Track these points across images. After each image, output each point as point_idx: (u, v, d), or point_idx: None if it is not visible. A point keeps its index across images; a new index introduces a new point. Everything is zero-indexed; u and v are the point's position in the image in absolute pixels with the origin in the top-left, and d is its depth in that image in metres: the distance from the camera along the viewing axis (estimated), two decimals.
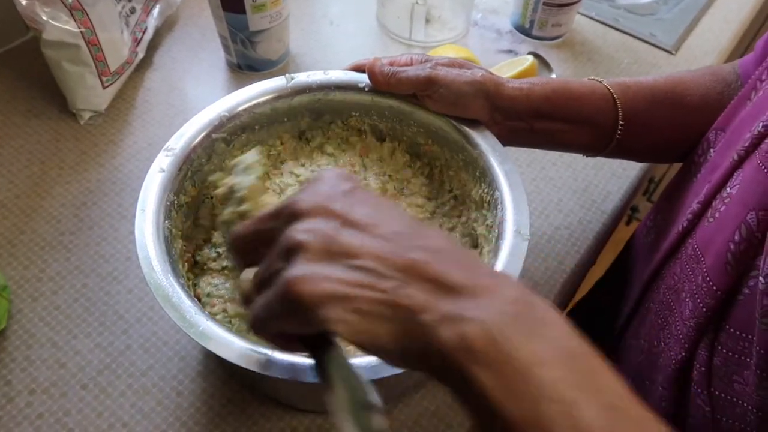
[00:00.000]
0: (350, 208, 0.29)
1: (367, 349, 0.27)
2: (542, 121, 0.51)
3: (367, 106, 0.56)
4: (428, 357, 0.26)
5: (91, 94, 0.68)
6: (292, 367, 0.38)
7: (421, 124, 0.55)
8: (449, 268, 0.27)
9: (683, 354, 0.41)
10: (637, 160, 0.67)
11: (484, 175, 0.51)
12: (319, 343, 0.30)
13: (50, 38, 0.62)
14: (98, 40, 0.65)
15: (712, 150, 0.47)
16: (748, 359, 0.37)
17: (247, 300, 0.33)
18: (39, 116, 0.70)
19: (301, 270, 0.27)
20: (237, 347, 0.39)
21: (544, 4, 0.78)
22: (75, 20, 0.62)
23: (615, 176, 0.69)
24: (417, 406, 0.51)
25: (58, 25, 0.62)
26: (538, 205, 0.66)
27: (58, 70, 0.66)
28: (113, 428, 0.48)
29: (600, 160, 0.69)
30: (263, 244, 0.31)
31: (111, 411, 0.49)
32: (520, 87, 0.50)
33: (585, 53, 0.83)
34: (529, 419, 0.24)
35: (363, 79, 0.55)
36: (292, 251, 0.28)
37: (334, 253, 0.28)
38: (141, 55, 0.74)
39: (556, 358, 0.25)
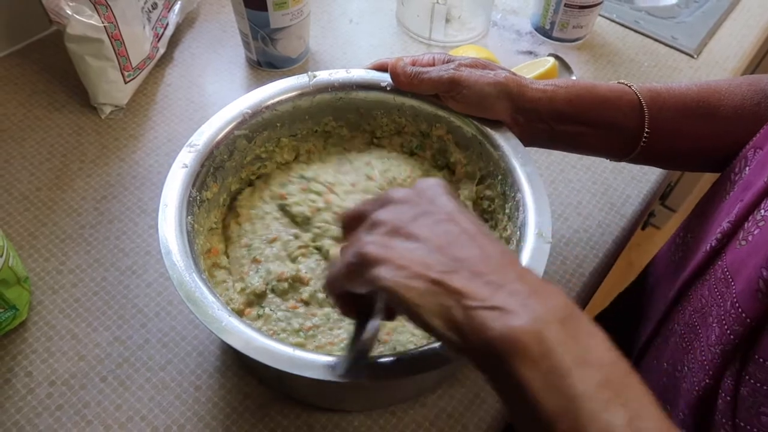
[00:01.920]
0: (431, 205, 0.34)
1: (411, 317, 0.31)
2: (564, 124, 0.51)
3: (390, 105, 0.56)
4: (469, 341, 0.29)
5: (113, 88, 0.68)
6: (313, 364, 0.38)
7: (444, 124, 0.55)
8: (501, 269, 0.31)
9: (707, 381, 0.40)
10: (662, 167, 0.66)
11: (505, 177, 0.51)
12: (366, 316, 0.36)
13: (74, 32, 0.63)
14: (121, 35, 0.65)
15: (747, 168, 0.46)
16: None
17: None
18: (60, 110, 0.70)
19: (372, 237, 0.33)
20: (259, 344, 0.39)
21: (565, 5, 0.78)
22: (99, 15, 0.63)
23: (635, 180, 0.68)
24: (433, 406, 0.50)
25: (82, 20, 0.62)
26: (557, 207, 0.65)
27: (81, 64, 0.66)
28: (132, 421, 0.49)
29: (619, 164, 0.69)
30: (357, 223, 0.36)
31: (129, 404, 0.49)
32: (543, 89, 0.50)
33: (605, 55, 0.82)
34: (564, 414, 0.26)
35: (385, 78, 0.55)
36: (375, 225, 0.34)
37: (403, 234, 0.32)
38: (162, 51, 0.74)
39: (596, 364, 0.27)
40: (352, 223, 0.37)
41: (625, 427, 0.26)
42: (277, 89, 0.54)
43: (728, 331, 0.38)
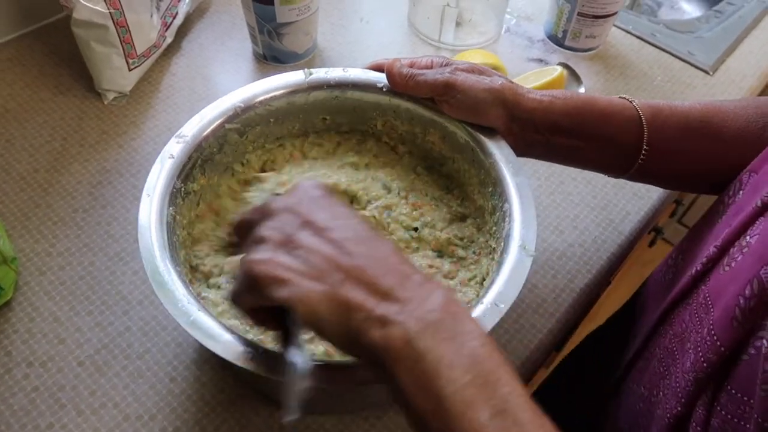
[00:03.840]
0: (313, 213, 0.35)
1: (312, 327, 0.32)
2: (560, 136, 0.50)
3: (384, 106, 0.56)
4: (361, 350, 0.31)
5: (117, 75, 0.69)
6: (275, 364, 0.37)
7: (438, 129, 0.54)
8: (385, 275, 0.32)
9: (679, 409, 0.39)
10: (661, 186, 0.64)
11: (495, 186, 0.50)
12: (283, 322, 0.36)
13: (80, 17, 0.63)
14: (126, 22, 0.65)
15: (741, 192, 0.45)
16: (747, 425, 0.34)
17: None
18: (65, 93, 0.71)
19: (260, 255, 0.33)
20: (224, 340, 0.39)
21: (579, 14, 0.76)
22: (105, 1, 0.63)
23: (636, 196, 0.67)
24: (389, 422, 0.49)
25: (88, 5, 0.62)
26: (552, 220, 0.64)
27: (86, 49, 0.67)
28: (104, 408, 0.49)
29: (621, 179, 0.67)
30: (246, 232, 0.36)
31: (104, 390, 0.50)
32: (540, 99, 0.49)
33: (617, 67, 0.80)
34: (433, 412, 0.29)
35: (382, 78, 0.54)
36: (260, 241, 0.34)
37: (290, 247, 0.33)
38: (169, 40, 0.75)
39: (464, 363, 0.29)
40: (242, 232, 0.38)
41: (490, 422, 0.28)
42: (272, 85, 0.54)
43: (702, 359, 0.37)
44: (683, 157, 0.50)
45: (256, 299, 0.34)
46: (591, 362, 0.63)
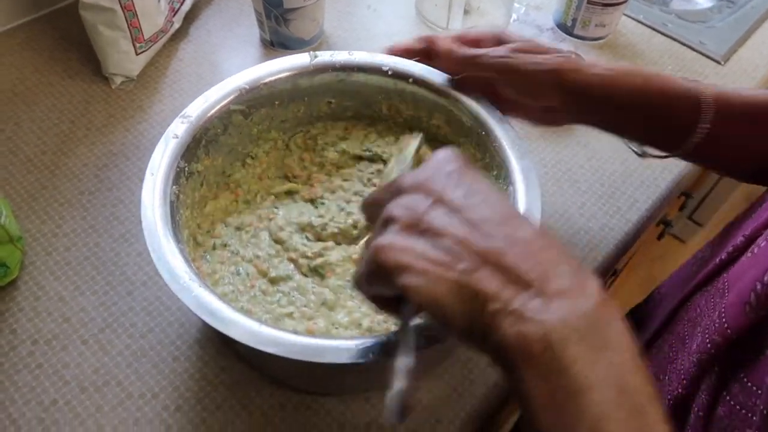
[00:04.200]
0: (446, 189, 0.31)
1: (436, 318, 0.29)
2: (617, 110, 0.48)
3: (390, 90, 0.56)
4: (487, 342, 0.27)
5: (124, 59, 0.69)
6: (275, 341, 0.37)
7: (443, 112, 0.54)
8: (527, 261, 0.28)
9: (680, 391, 0.38)
10: (712, 170, 0.62)
11: (500, 169, 0.50)
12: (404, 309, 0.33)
13: (87, 0, 0.64)
14: (134, 6, 0.66)
15: None
16: (753, 417, 0.34)
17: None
18: (73, 77, 0.71)
19: (387, 239, 0.30)
20: (224, 316, 0.39)
21: (588, 2, 0.76)
22: None
23: (644, 185, 0.66)
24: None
25: None
26: (559, 207, 0.64)
27: (94, 33, 0.67)
28: (108, 385, 0.49)
29: (629, 167, 0.67)
30: (375, 213, 0.33)
31: (107, 369, 0.50)
32: (600, 74, 0.48)
33: (627, 57, 0.80)
34: None
35: (387, 62, 0.54)
36: (387, 222, 0.31)
37: (420, 229, 0.30)
38: (177, 25, 0.75)
39: (609, 387, 0.25)
40: (371, 211, 0.35)
41: None
42: (277, 67, 0.54)
43: (707, 341, 0.36)
44: (743, 144, 0.48)
45: (379, 286, 0.31)
46: None
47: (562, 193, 0.65)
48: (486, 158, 0.52)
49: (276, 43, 0.75)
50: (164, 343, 0.51)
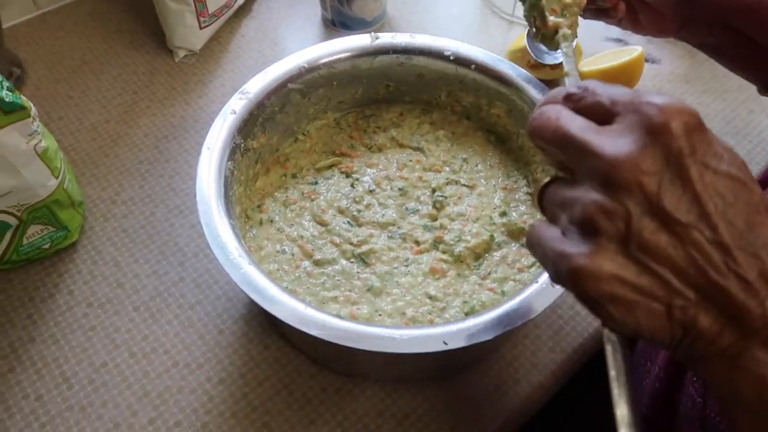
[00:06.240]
0: (671, 190, 0.23)
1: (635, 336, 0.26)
2: (725, 32, 0.47)
3: (451, 76, 0.54)
4: (694, 364, 0.25)
5: (189, 33, 0.70)
6: (323, 324, 0.37)
7: (504, 101, 0.53)
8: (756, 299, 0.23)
9: (662, 376, 0.38)
10: None
11: None
12: None
13: None
14: None
15: None
16: None
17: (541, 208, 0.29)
18: (139, 49, 0.73)
19: (589, 261, 0.24)
20: (271, 295, 0.39)
21: None
22: None
23: None
24: (451, 390, 0.49)
25: None
26: None
27: (161, 6, 0.68)
28: (155, 353, 0.50)
29: None
30: (561, 158, 0.26)
31: (156, 336, 0.51)
32: None
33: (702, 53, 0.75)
34: None
35: (450, 47, 0.53)
36: (587, 231, 0.24)
37: (631, 249, 0.24)
38: (241, 2, 0.75)
39: None
40: (547, 147, 0.27)
41: None
42: (337, 47, 0.53)
43: None
44: None
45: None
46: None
47: None
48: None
49: (337, 23, 0.74)
50: (211, 316, 0.52)
